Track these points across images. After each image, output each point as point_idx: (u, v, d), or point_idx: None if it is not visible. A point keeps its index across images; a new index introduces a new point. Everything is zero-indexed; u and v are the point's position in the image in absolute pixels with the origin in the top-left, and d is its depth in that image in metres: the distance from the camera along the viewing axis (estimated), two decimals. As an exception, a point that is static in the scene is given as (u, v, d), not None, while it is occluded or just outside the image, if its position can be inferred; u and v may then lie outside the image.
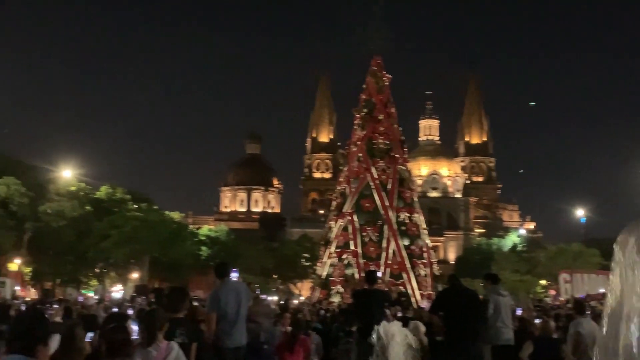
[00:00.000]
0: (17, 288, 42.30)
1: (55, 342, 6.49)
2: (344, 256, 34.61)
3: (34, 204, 41.22)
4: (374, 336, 8.15)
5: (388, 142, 36.91)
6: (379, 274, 28.63)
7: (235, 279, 11.06)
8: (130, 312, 18.83)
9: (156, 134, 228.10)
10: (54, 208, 42.58)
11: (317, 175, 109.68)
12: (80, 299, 31.10)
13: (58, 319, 11.66)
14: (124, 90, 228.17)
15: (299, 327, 10.15)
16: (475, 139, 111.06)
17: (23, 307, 19.24)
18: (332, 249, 35.71)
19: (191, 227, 68.14)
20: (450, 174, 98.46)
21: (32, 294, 45.50)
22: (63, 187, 44.59)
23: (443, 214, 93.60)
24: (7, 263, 43.17)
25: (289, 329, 10.74)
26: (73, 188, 46.37)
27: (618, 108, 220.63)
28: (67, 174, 43.51)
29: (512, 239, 78.51)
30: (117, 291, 50.46)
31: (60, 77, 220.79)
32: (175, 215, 60.18)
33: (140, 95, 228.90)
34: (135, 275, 51.42)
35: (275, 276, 67.52)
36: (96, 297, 36.49)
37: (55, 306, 16.91)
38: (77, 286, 50.12)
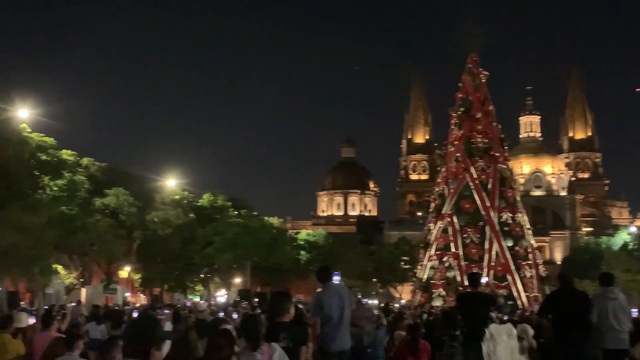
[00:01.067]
0: (128, 294, 44.30)
1: (166, 347, 6.66)
2: (445, 258, 34.01)
3: (141, 213, 42.85)
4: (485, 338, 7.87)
5: (487, 140, 36.04)
6: (484, 279, 27.93)
7: (337, 283, 10.99)
8: (235, 316, 19.25)
9: (254, 142, 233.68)
10: (160, 217, 44.14)
11: (413, 177, 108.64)
12: (189, 303, 31.99)
13: (168, 323, 12.01)
14: (222, 101, 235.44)
15: (419, 332, 9.99)
16: (579, 134, 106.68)
17: (135, 313, 20.02)
18: (432, 251, 35.18)
19: (290, 232, 69.11)
20: (554, 171, 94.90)
21: (141, 299, 47.54)
22: (168, 195, 46.22)
23: (548, 213, 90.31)
24: (118, 271, 45.23)
25: (403, 333, 10.58)
26: (177, 197, 48.05)
27: None
28: (171, 183, 45.18)
29: (622, 237, 74.66)
30: (221, 296, 51.90)
31: (164, 89, 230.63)
32: (274, 221, 61.24)
33: (238, 104, 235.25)
34: (238, 280, 52.65)
35: (374, 280, 67.33)
36: (202, 301, 37.61)
37: (166, 311, 17.48)
38: (183, 291, 51.80)
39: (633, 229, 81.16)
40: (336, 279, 14.44)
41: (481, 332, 8.60)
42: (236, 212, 54.03)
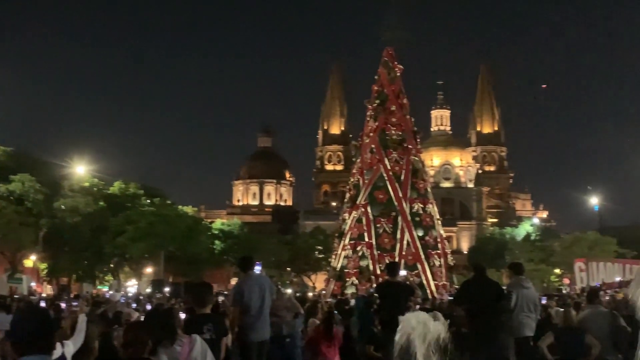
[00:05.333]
0: (33, 284, 42.70)
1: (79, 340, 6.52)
2: (358, 248, 34.57)
3: (48, 200, 41.39)
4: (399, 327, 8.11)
5: (401, 133, 36.79)
6: (403, 272, 28.57)
7: (258, 273, 11.04)
8: (148, 307, 18.97)
9: (167, 129, 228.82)
10: (68, 204, 42.73)
11: (329, 167, 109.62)
12: (108, 295, 31.55)
13: (82, 316, 11.69)
14: (135, 86, 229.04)
15: (333, 320, 10.17)
16: (486, 129, 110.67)
17: (43, 303, 19.37)
18: (346, 241, 35.67)
19: (204, 221, 68.31)
20: (462, 163, 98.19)
21: (47, 289, 45.92)
22: (77, 183, 44.78)
23: (456, 204, 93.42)
24: (23, 260, 43.50)
25: (317, 321, 10.74)
26: (86, 184, 46.58)
27: (632, 93, 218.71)
28: (80, 170, 43.73)
29: (525, 228, 78.24)
30: (131, 286, 50.77)
31: (73, 74, 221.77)
32: (188, 210, 60.30)
33: (151, 90, 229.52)
34: (149, 270, 51.64)
35: (289, 269, 67.67)
36: (112, 292, 36.75)
37: (75, 304, 17.01)
38: (92, 281, 50.40)
39: (535, 220, 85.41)
40: (257, 269, 14.45)
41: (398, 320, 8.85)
42: (149, 201, 52.86)
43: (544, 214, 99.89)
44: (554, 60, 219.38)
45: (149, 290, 38.78)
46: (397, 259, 32.79)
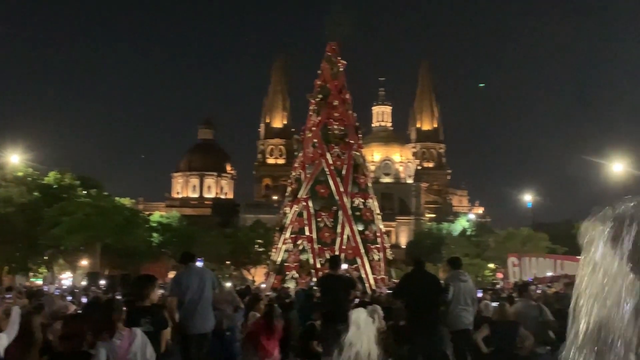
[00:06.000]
0: (-38, 276, 41.17)
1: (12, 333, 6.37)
2: (299, 242, 34.68)
3: (-20, 190, 39.98)
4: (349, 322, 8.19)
5: (343, 128, 37.05)
6: (344, 265, 28.81)
7: (199, 266, 10.97)
8: (84, 299, 18.58)
9: (107, 118, 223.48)
10: (1, 194, 41.39)
11: (270, 161, 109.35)
12: (46, 288, 30.80)
13: (17, 308, 11.37)
14: (72, 74, 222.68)
15: (274, 313, 10.19)
16: (426, 126, 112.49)
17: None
18: (287, 234, 35.72)
19: (142, 213, 67.13)
20: (402, 159, 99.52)
21: (-23, 282, 44.30)
22: (10, 172, 43.36)
23: (395, 200, 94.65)
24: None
25: (258, 314, 10.76)
26: (20, 174, 45.16)
27: (566, 94, 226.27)
28: (14, 159, 42.30)
29: (461, 224, 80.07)
30: (66, 278, 49.56)
31: (6, 61, 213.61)
32: (126, 202, 59.15)
33: (90, 79, 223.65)
34: (85, 262, 50.52)
35: (228, 262, 67.25)
36: (48, 284, 35.79)
37: (8, 296, 16.48)
38: (26, 274, 48.98)
39: (471, 216, 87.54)
40: (199, 264, 14.34)
41: (340, 314, 8.94)
42: (85, 192, 51.57)
43: (480, 210, 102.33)
44: (493, 59, 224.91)
45: (84, 283, 37.95)
46: (337, 253, 33.10)
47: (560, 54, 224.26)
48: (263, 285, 35.49)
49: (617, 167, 31.51)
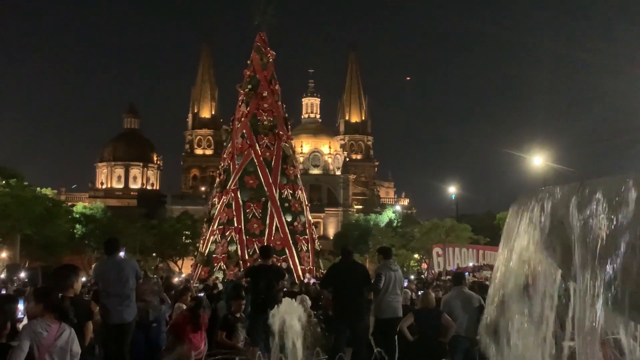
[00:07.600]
0: None
1: None
2: (227, 233, 34.55)
3: None
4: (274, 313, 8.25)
5: (272, 119, 37.08)
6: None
7: (122, 257, 10.83)
8: (2, 291, 17.93)
9: (26, 106, 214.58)
10: None
11: (198, 151, 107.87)
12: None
13: None
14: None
15: (202, 305, 10.14)
16: (354, 118, 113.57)
17: None
18: (215, 225, 35.52)
19: (65, 204, 65.10)
20: (330, 151, 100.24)
21: None
22: None
23: (323, 191, 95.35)
24: None
25: (184, 306, 10.67)
26: None
27: (492, 87, 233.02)
28: None
29: (388, 215, 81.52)
30: (-18, 271, 47.51)
31: None
32: (47, 192, 57.19)
33: (9, 65, 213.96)
34: (3, 254, 48.62)
35: (154, 254, 66.17)
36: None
37: None
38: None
39: (397, 207, 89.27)
40: (122, 254, 14.14)
41: (270, 303, 8.96)
42: (4, 182, 49.49)
43: (406, 202, 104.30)
44: (420, 53, 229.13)
45: (3, 275, 36.57)
46: (265, 244, 33.14)
47: (480, 48, 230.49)
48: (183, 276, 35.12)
49: (537, 161, 32.77)
